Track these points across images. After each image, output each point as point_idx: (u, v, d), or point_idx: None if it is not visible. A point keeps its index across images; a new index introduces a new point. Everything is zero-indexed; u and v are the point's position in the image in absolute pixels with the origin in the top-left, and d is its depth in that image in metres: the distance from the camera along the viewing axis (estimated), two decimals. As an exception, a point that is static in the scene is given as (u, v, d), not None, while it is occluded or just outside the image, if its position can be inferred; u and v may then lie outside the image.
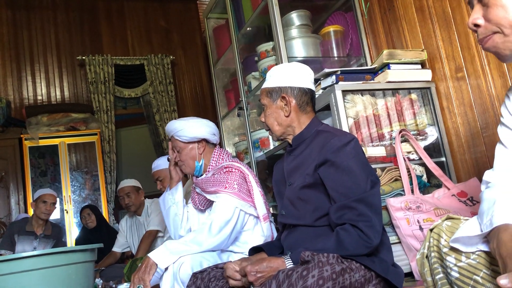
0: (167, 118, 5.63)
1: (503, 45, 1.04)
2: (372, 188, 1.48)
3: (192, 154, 2.16)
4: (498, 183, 1.16)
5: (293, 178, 1.66)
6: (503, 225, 0.97)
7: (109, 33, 5.82)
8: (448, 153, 2.29)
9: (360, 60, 2.82)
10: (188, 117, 2.28)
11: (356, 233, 1.41)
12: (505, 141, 1.19)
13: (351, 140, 1.54)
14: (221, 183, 2.03)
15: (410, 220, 1.95)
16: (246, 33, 3.24)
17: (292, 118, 1.69)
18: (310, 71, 1.76)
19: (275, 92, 1.70)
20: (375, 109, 2.23)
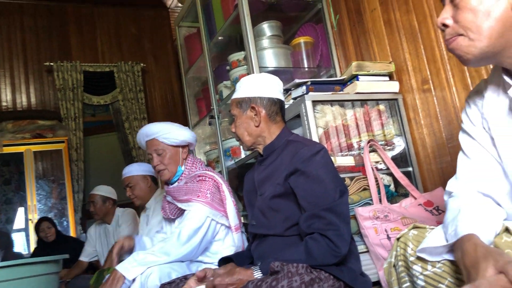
0: (136, 126, 5.56)
1: (467, 49, 1.04)
2: (340, 197, 1.50)
3: (176, 158, 2.12)
4: (462, 193, 1.19)
5: (263, 188, 1.67)
6: (467, 235, 0.99)
7: (78, 39, 5.72)
8: (414, 163, 2.34)
9: (330, 71, 2.86)
10: (167, 122, 2.23)
11: (324, 242, 1.42)
12: (466, 149, 1.21)
13: (321, 149, 1.57)
14: (194, 192, 2.01)
15: (378, 229, 1.98)
16: (218, 42, 3.24)
17: (262, 128, 1.71)
18: (279, 81, 1.78)
19: (244, 103, 1.72)
20: (344, 119, 2.26)
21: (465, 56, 1.05)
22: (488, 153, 1.17)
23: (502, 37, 1.01)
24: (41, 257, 2.08)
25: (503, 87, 1.11)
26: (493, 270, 0.86)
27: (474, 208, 1.10)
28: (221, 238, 2.07)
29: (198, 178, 2.07)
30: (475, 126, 1.20)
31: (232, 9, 2.86)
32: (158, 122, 2.22)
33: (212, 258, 2.05)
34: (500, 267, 0.85)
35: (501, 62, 1.06)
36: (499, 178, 1.16)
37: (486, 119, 1.16)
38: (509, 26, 1.00)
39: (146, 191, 2.89)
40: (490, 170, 1.16)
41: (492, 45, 1.02)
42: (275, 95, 1.72)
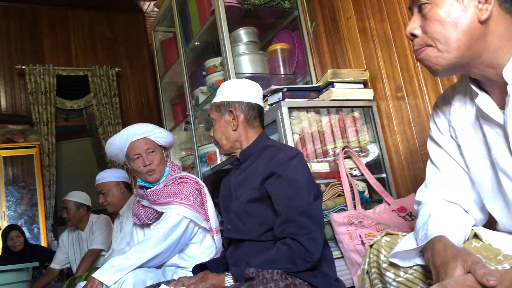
0: (110, 131, 5.48)
1: (436, 59, 1.05)
2: (315, 201, 1.51)
3: (164, 159, 2.11)
4: (431, 202, 1.21)
5: (239, 192, 1.67)
6: (437, 236, 1.01)
7: (52, 42, 5.61)
8: (388, 170, 2.37)
9: (306, 78, 2.88)
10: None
11: (296, 247, 1.42)
12: (434, 158, 1.23)
13: (297, 154, 1.58)
14: (176, 194, 1.98)
15: (353, 235, 2.00)
16: (194, 47, 3.23)
17: (239, 132, 1.71)
18: (258, 87, 1.79)
19: (223, 107, 1.73)
20: (319, 126, 2.28)
21: (434, 67, 1.06)
22: (455, 162, 1.19)
23: (470, 48, 1.02)
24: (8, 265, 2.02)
25: (470, 95, 1.13)
26: (461, 269, 0.87)
27: (444, 214, 1.12)
28: (198, 241, 2.04)
29: (180, 180, 2.05)
30: (442, 134, 1.21)
31: (209, 15, 2.86)
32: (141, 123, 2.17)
33: (188, 262, 2.02)
34: (468, 267, 0.87)
35: (469, 72, 1.08)
36: (466, 187, 1.18)
37: (453, 127, 1.18)
38: (476, 38, 1.02)
39: (119, 198, 2.85)
40: (457, 179, 1.18)
41: (460, 56, 1.03)
42: (254, 100, 1.74)
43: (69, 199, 3.47)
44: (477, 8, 1.01)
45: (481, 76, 1.07)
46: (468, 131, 1.14)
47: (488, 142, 1.08)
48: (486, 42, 1.02)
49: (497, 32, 1.01)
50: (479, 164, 1.13)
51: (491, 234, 1.13)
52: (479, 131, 1.11)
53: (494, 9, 1.01)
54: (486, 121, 1.08)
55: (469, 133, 1.14)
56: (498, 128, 1.06)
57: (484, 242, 1.07)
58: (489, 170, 1.11)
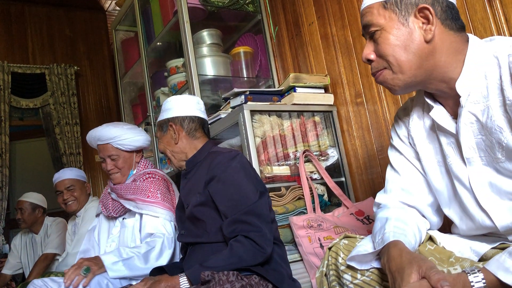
0: (68, 131, 5.31)
1: (393, 81, 1.11)
2: (260, 199, 1.54)
3: (130, 163, 2.11)
4: (389, 205, 1.25)
5: (188, 199, 1.70)
6: (393, 242, 1.04)
7: (7, 38, 5.39)
8: (347, 174, 2.41)
9: (269, 81, 2.90)
10: (119, 123, 2.18)
11: (249, 243, 1.44)
12: (394, 164, 1.29)
13: (236, 155, 1.62)
14: (142, 191, 1.96)
15: (312, 238, 2.02)
16: (156, 48, 3.19)
17: (183, 144, 1.78)
18: (198, 100, 1.88)
19: (164, 124, 1.81)
20: (281, 129, 2.30)
21: (392, 88, 1.13)
22: (414, 167, 1.25)
23: (421, 67, 1.08)
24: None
25: (427, 108, 1.19)
26: (417, 275, 0.90)
27: (400, 218, 1.16)
28: None
29: (147, 176, 2.03)
30: (403, 142, 1.27)
31: (172, 15, 2.83)
32: (111, 124, 2.14)
33: None
34: (423, 272, 0.89)
35: (426, 87, 1.14)
36: (423, 191, 1.24)
37: (412, 136, 1.24)
38: (425, 56, 1.08)
39: (85, 196, 2.82)
40: (415, 184, 1.24)
41: (413, 75, 1.09)
42: (194, 113, 1.81)
43: (24, 199, 3.34)
44: (422, 29, 1.07)
45: (436, 90, 1.12)
46: (425, 140, 1.21)
47: (444, 151, 1.14)
48: (435, 59, 1.08)
49: (444, 48, 1.07)
50: (436, 171, 1.19)
51: (445, 237, 1.18)
52: (435, 140, 1.18)
53: (437, 28, 1.07)
54: (441, 131, 1.14)
55: (427, 143, 1.20)
56: (452, 137, 1.12)
57: (438, 245, 1.11)
58: (445, 177, 1.17)
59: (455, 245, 1.15)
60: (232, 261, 1.42)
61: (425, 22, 1.07)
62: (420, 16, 1.07)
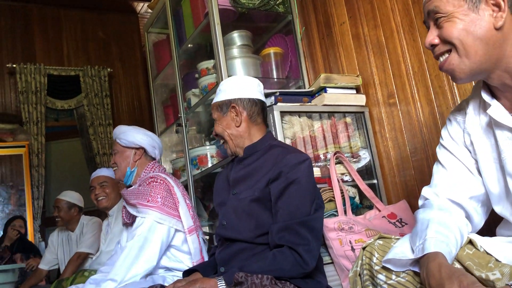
0: (101, 132, 5.44)
1: (458, 67, 1.09)
2: (316, 212, 1.50)
3: (126, 160, 2.14)
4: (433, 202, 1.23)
5: (239, 188, 1.64)
6: (432, 254, 1.01)
7: (43, 41, 5.56)
8: (379, 176, 2.37)
9: (299, 82, 2.88)
10: (131, 125, 2.26)
11: (293, 257, 1.41)
12: (443, 160, 1.28)
13: (306, 159, 1.56)
14: (143, 196, 1.96)
15: (343, 241, 1.99)
16: (187, 50, 3.22)
17: (243, 129, 1.70)
18: (259, 82, 1.80)
19: (225, 105, 1.72)
20: (311, 130, 2.28)
21: (458, 75, 1.11)
22: (463, 165, 1.24)
23: (488, 54, 1.07)
24: None
25: (483, 105, 1.18)
26: None
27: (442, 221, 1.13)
28: (178, 244, 2.01)
29: (150, 180, 2.02)
30: (455, 141, 1.26)
31: (203, 17, 2.85)
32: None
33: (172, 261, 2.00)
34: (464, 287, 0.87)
35: (488, 78, 1.12)
36: (470, 189, 1.22)
37: (468, 134, 1.23)
38: (492, 44, 1.06)
39: (116, 194, 2.87)
40: (463, 181, 1.23)
41: (479, 62, 1.08)
42: (256, 96, 1.73)
43: (61, 198, 3.44)
44: (492, 16, 1.05)
45: (498, 81, 1.11)
46: (482, 138, 1.20)
47: (499, 147, 1.14)
48: (502, 48, 1.06)
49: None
50: (491, 168, 1.18)
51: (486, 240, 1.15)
52: (491, 136, 1.17)
53: (508, 16, 1.05)
54: (498, 127, 1.14)
55: (483, 140, 1.20)
56: (509, 132, 1.12)
57: (478, 249, 1.08)
58: (499, 174, 1.17)
59: (496, 249, 1.11)
60: (271, 270, 1.39)
61: (495, 10, 1.06)
62: (491, 3, 1.06)
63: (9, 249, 3.85)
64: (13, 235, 3.89)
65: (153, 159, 2.21)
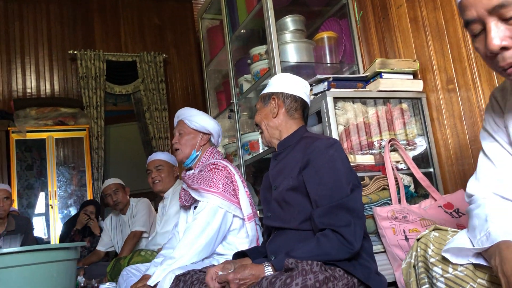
0: (157, 117, 5.60)
1: None
2: (352, 192, 1.49)
3: (193, 142, 2.20)
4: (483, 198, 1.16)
5: (277, 181, 1.68)
6: (504, 242, 0.96)
7: (102, 28, 5.77)
8: (436, 164, 2.30)
9: (353, 67, 2.82)
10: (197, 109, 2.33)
11: (336, 239, 1.41)
12: (487, 150, 1.18)
13: (334, 143, 1.57)
14: (205, 181, 2.02)
15: (396, 230, 1.95)
16: (240, 35, 3.23)
17: (279, 120, 1.75)
18: (306, 84, 1.84)
19: (267, 96, 1.80)
20: (365, 117, 2.23)
21: None
22: (509, 154, 1.14)
23: None
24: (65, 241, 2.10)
25: None
26: None
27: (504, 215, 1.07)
28: (235, 229, 2.07)
29: (211, 167, 2.09)
30: (498, 125, 1.17)
31: (256, 2, 2.84)
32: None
33: (227, 249, 2.05)
34: None
35: None
36: None
37: (507, 118, 1.13)
38: None
39: (171, 178, 2.96)
40: (510, 173, 1.13)
41: None
42: (299, 94, 1.78)
43: (112, 182, 3.61)
44: None
45: None
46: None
47: None
48: None
49: None
50: None
51: None
52: None
53: None
54: None
55: None
56: None
57: None
58: None
59: None
60: (317, 254, 1.40)
61: None
62: None
63: (80, 233, 4.06)
64: (83, 219, 4.09)
65: (213, 145, 2.26)
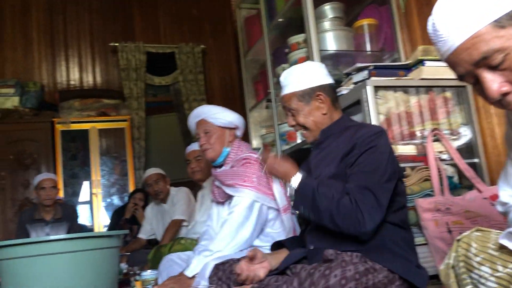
0: (195, 107, 5.62)
1: None
2: (387, 182, 1.46)
3: (222, 139, 2.18)
4: None
5: (319, 170, 1.65)
6: None
7: (142, 20, 5.86)
8: (481, 154, 2.21)
9: (394, 55, 2.75)
10: (214, 105, 2.31)
11: (354, 211, 1.40)
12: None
13: (380, 131, 1.54)
14: (239, 177, 2.02)
15: (439, 222, 1.90)
16: (278, 24, 3.20)
17: (328, 115, 1.69)
18: (324, 66, 1.78)
19: (307, 94, 1.68)
20: (407, 106, 2.18)
21: None
22: None
23: None
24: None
25: None
26: None
27: None
28: (271, 220, 2.07)
29: (243, 162, 2.08)
30: None
31: (294, -10, 2.81)
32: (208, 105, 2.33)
33: (263, 240, 2.06)
34: None
35: None
36: None
37: None
38: None
39: (210, 168, 2.98)
40: None
41: None
42: (330, 80, 1.73)
43: (153, 172, 3.69)
44: None
45: None
46: None
47: None
48: None
49: None
50: None
51: None
52: None
53: None
54: None
55: None
56: None
57: None
58: None
59: None
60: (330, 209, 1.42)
61: None
62: None
63: (128, 222, 4.18)
64: (131, 207, 4.20)
65: (237, 138, 2.26)
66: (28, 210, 3.85)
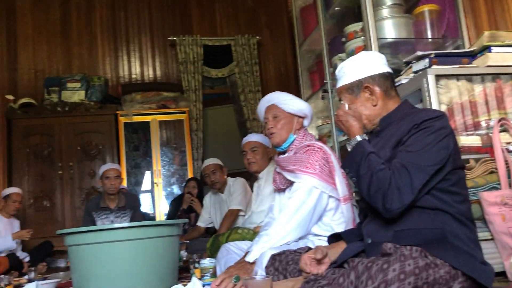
0: (251, 99, 5.71)
1: None
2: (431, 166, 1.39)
3: (289, 126, 2.20)
4: None
5: None
6: None
7: (199, 13, 5.97)
8: (554, 146, 2.08)
9: (457, 42, 2.64)
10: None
11: (387, 185, 1.38)
12: None
13: (440, 115, 1.47)
14: (302, 163, 2.03)
15: (506, 217, 1.81)
16: (334, 13, 3.15)
17: (380, 107, 1.63)
18: (380, 55, 1.71)
19: (355, 86, 1.65)
20: (471, 95, 2.08)
21: None
22: None
23: None
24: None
25: None
26: None
27: None
28: (331, 209, 2.05)
29: (307, 148, 2.08)
30: None
31: (351, -22, 2.76)
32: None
33: (322, 229, 2.05)
34: None
35: None
36: None
37: None
38: None
39: (265, 159, 3.01)
40: None
41: None
42: (384, 69, 1.65)
43: (211, 163, 3.77)
44: None
45: None
46: None
47: None
48: None
49: None
50: None
51: None
52: None
53: None
54: None
55: None
56: None
57: None
58: None
59: None
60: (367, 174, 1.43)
61: None
62: None
63: (185, 212, 4.32)
64: (188, 199, 4.35)
65: (304, 128, 2.27)
66: (94, 199, 4.05)
